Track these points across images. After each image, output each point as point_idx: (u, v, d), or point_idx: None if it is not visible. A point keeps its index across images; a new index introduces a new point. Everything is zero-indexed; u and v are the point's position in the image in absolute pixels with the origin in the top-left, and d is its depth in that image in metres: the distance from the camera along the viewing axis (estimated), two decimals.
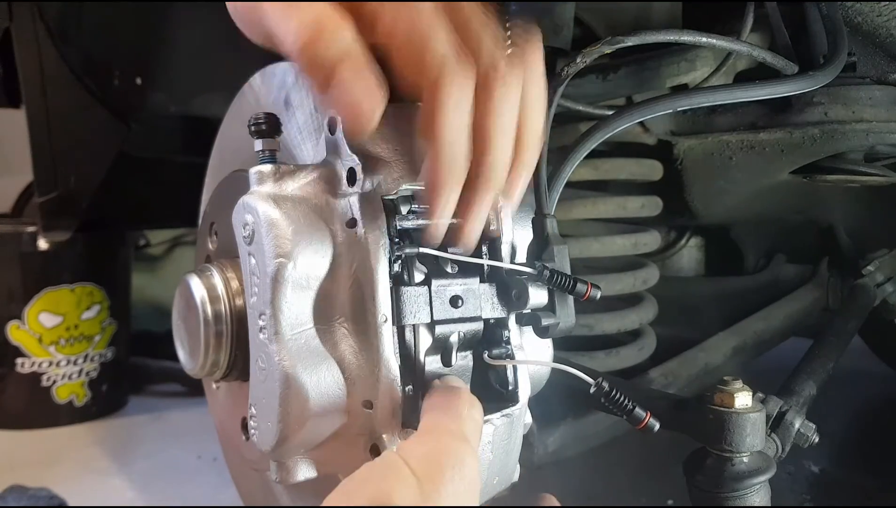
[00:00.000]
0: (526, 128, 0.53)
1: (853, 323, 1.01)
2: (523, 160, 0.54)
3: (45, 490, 1.25)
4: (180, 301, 0.65)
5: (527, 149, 0.54)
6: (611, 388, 0.57)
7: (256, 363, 0.57)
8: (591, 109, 0.87)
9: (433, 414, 0.49)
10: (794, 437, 0.74)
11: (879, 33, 0.89)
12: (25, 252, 1.63)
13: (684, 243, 1.32)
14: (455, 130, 0.49)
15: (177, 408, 1.76)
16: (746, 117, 0.96)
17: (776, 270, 1.27)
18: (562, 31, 0.97)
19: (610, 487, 1.22)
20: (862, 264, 1.13)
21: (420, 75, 0.48)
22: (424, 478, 0.42)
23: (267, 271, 0.55)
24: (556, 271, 0.59)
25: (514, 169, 0.54)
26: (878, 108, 0.90)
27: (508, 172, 0.53)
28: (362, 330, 0.55)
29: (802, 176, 0.97)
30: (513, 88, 0.52)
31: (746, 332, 1.06)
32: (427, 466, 0.42)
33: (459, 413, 0.49)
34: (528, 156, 0.54)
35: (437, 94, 0.48)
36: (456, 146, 0.50)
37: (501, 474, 0.60)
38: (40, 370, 1.65)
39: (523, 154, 0.54)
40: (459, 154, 0.50)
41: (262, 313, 0.55)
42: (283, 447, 0.56)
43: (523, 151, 0.54)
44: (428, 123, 0.49)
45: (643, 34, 0.74)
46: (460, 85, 0.48)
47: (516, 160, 0.54)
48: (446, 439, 0.45)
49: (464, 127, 0.50)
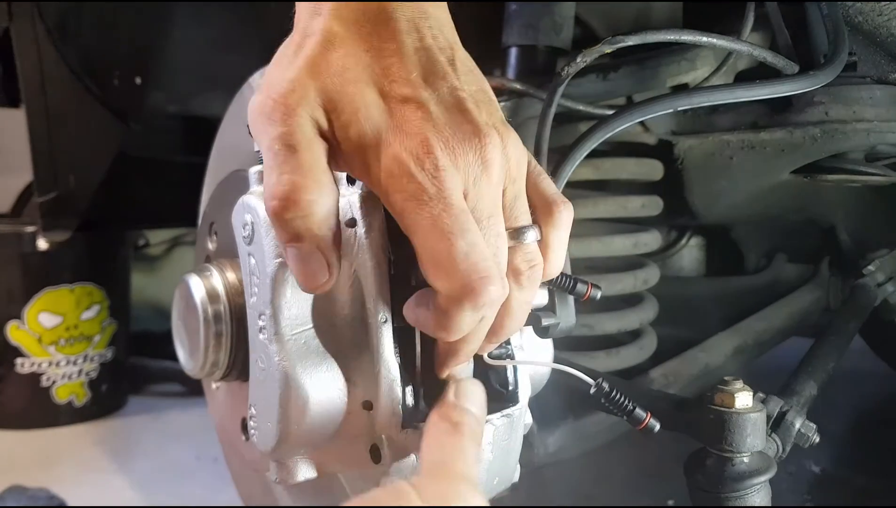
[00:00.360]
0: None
1: (854, 323, 1.01)
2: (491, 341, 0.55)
3: (44, 491, 1.25)
4: (180, 301, 0.65)
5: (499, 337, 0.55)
6: (611, 388, 0.57)
7: (256, 363, 0.57)
8: (591, 109, 0.87)
9: (442, 451, 0.48)
10: (795, 437, 0.74)
11: (880, 33, 0.89)
12: (25, 252, 1.62)
13: (685, 242, 1.32)
14: (468, 331, 0.50)
15: (176, 408, 1.76)
16: (747, 117, 0.96)
17: (777, 270, 1.27)
18: (562, 30, 0.97)
19: (610, 487, 1.22)
20: (863, 263, 1.13)
21: (443, 278, 0.48)
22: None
23: (267, 271, 0.55)
24: None
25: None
26: (879, 107, 0.90)
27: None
28: (362, 330, 0.55)
29: (803, 176, 0.97)
30: (526, 305, 0.53)
31: (747, 332, 1.06)
32: (437, 500, 0.42)
33: (467, 457, 0.48)
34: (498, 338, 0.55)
35: (460, 302, 0.47)
36: (470, 345, 0.52)
37: (501, 474, 0.59)
38: (40, 371, 1.65)
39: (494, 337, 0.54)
40: (470, 350, 0.53)
41: (262, 313, 0.55)
42: (283, 447, 0.56)
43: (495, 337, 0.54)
44: (443, 321, 0.49)
45: (644, 34, 0.74)
46: (487, 303, 0.48)
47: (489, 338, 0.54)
48: (458, 481, 0.45)
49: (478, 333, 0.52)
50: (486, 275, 0.47)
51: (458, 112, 0.48)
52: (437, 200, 0.46)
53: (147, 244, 2.27)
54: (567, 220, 0.54)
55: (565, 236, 0.54)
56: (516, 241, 0.51)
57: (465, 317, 0.48)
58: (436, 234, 0.46)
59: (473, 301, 0.47)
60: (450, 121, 0.48)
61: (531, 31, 0.96)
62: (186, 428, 1.63)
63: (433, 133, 0.47)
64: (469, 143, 0.48)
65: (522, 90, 0.88)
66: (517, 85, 0.87)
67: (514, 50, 0.97)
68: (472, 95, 0.50)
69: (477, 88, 0.51)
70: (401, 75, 0.48)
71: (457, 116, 0.48)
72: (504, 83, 0.88)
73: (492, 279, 0.47)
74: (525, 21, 0.96)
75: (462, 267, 0.46)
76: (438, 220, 0.46)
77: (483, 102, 0.50)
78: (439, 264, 0.47)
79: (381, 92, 0.48)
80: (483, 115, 0.49)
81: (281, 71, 0.50)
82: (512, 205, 0.51)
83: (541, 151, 0.73)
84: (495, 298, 0.47)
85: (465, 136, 0.48)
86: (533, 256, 0.52)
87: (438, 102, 0.48)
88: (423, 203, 0.46)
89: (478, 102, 0.50)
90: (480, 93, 0.51)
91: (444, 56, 0.50)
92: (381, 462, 0.55)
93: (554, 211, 0.53)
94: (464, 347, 0.53)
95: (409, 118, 0.47)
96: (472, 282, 0.46)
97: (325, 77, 0.48)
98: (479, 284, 0.46)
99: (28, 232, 1.62)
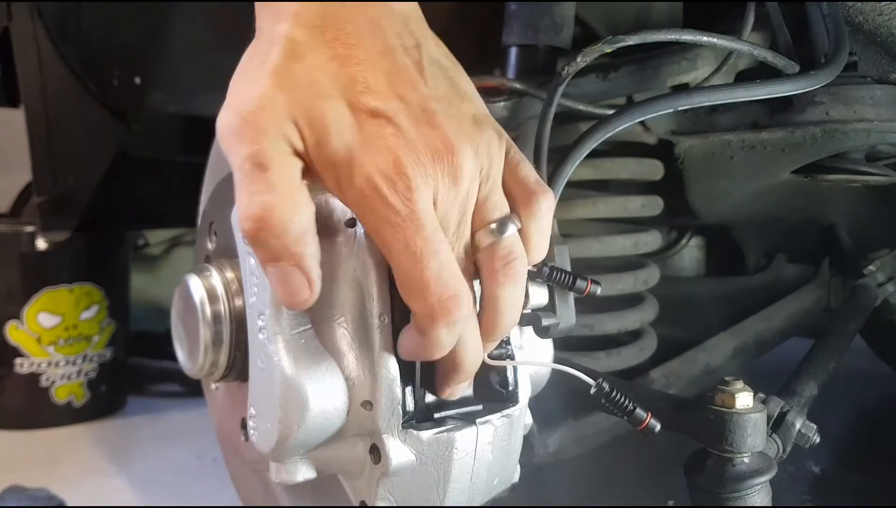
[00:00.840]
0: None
1: (854, 323, 1.01)
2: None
3: (43, 491, 1.25)
4: (179, 301, 0.65)
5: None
6: (611, 389, 0.57)
7: (256, 363, 0.57)
8: (591, 109, 0.87)
9: None
10: (796, 437, 0.74)
11: (881, 32, 0.89)
12: (24, 252, 1.62)
13: (685, 242, 1.32)
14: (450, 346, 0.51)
15: (176, 409, 1.76)
16: (747, 117, 0.95)
17: (777, 270, 1.27)
18: (562, 30, 0.96)
19: (610, 487, 1.22)
20: (863, 263, 1.12)
21: (418, 299, 0.49)
22: None
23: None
24: (556, 268, 0.59)
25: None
26: (880, 107, 0.90)
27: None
28: (362, 330, 0.54)
29: (804, 176, 0.96)
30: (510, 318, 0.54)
31: (747, 332, 1.06)
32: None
33: None
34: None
35: (434, 321, 0.49)
36: (467, 360, 0.53)
37: (501, 474, 0.59)
38: (39, 371, 1.65)
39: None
40: (468, 365, 0.54)
41: (262, 313, 0.55)
42: (283, 447, 0.56)
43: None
44: (423, 341, 0.51)
45: (644, 33, 0.74)
46: (460, 319, 0.49)
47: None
48: None
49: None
50: (454, 293, 0.48)
51: (427, 126, 0.48)
52: (410, 221, 0.47)
53: (146, 244, 2.27)
54: (547, 208, 0.53)
55: (546, 224, 0.54)
56: (493, 236, 0.51)
57: (441, 335, 0.49)
58: (409, 257, 0.47)
59: (446, 319, 0.48)
60: (420, 136, 0.47)
61: (531, 31, 0.96)
62: (186, 429, 1.63)
63: (404, 151, 0.47)
64: (440, 160, 0.48)
65: (522, 90, 0.87)
66: (517, 85, 0.87)
67: (514, 50, 0.97)
68: (442, 99, 0.49)
69: (447, 87, 0.50)
70: (368, 85, 0.48)
71: (427, 130, 0.48)
72: (504, 83, 0.87)
73: (461, 297, 0.48)
74: (525, 21, 0.96)
75: (433, 288, 0.47)
76: (411, 243, 0.47)
77: (454, 102, 0.50)
78: (413, 286, 0.48)
79: (350, 104, 0.47)
80: (454, 123, 0.49)
81: (248, 84, 0.49)
82: (485, 201, 0.51)
83: (541, 151, 0.73)
84: (466, 313, 0.49)
85: (436, 152, 0.48)
86: (511, 249, 0.51)
87: (408, 113, 0.48)
88: (396, 226, 0.47)
89: (448, 106, 0.49)
90: (451, 94, 0.50)
91: (411, 58, 0.50)
92: (381, 462, 0.55)
93: (532, 200, 0.52)
94: (461, 363, 0.53)
95: (379, 134, 0.47)
96: (444, 301, 0.48)
97: (294, 91, 0.47)
98: (450, 302, 0.48)
99: (27, 232, 1.62)
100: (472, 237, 0.52)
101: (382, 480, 0.55)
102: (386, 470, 0.54)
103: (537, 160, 0.71)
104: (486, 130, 0.51)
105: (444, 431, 0.55)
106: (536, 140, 0.74)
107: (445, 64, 0.52)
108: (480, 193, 0.51)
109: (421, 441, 0.54)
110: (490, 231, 0.51)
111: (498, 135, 0.52)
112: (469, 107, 0.51)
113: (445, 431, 0.55)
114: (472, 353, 0.53)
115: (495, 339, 0.55)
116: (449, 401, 0.57)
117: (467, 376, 0.54)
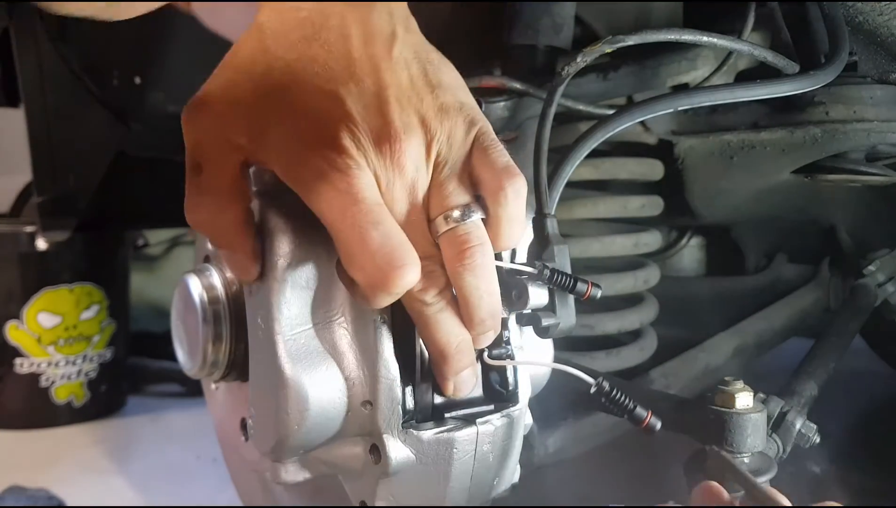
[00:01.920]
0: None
1: (854, 323, 1.01)
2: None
3: (43, 491, 1.25)
4: (179, 301, 0.65)
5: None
6: (611, 388, 0.57)
7: (256, 363, 0.57)
8: (591, 109, 0.87)
9: None
10: (796, 438, 0.74)
11: (881, 32, 0.89)
12: (24, 252, 1.62)
13: (685, 242, 1.32)
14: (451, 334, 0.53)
15: (176, 409, 1.76)
16: (747, 117, 0.96)
17: (777, 270, 1.27)
18: (562, 30, 0.97)
19: (610, 487, 1.22)
20: (863, 264, 1.12)
21: (358, 271, 0.49)
22: None
23: (266, 271, 0.55)
24: (557, 271, 0.58)
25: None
26: (880, 107, 0.90)
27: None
28: (362, 330, 0.54)
29: (804, 176, 0.96)
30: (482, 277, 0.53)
31: (747, 332, 1.06)
32: None
33: None
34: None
35: (375, 292, 0.50)
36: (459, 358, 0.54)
37: (502, 475, 0.59)
38: (39, 371, 1.65)
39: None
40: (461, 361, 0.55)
41: (262, 312, 0.55)
42: (283, 447, 0.56)
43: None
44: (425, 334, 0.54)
45: (644, 33, 0.74)
46: (401, 289, 0.49)
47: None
48: None
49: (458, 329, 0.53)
50: (402, 264, 0.48)
51: (377, 114, 0.49)
52: (347, 194, 0.47)
53: (146, 244, 2.27)
54: (514, 192, 0.52)
55: (514, 209, 0.53)
56: (449, 224, 0.51)
57: (386, 302, 0.50)
58: (347, 227, 0.48)
59: (388, 290, 0.49)
60: (365, 121, 0.49)
61: (531, 31, 0.96)
62: (186, 429, 1.63)
63: (347, 134, 0.48)
64: (382, 146, 0.49)
65: (522, 90, 0.87)
66: (517, 85, 0.87)
67: (514, 50, 0.97)
68: (403, 89, 0.50)
69: (416, 77, 0.51)
70: (327, 68, 0.49)
71: (374, 117, 0.49)
72: (504, 83, 0.87)
73: (407, 269, 0.48)
74: (525, 21, 0.96)
75: (377, 259, 0.48)
76: (348, 213, 0.48)
77: (419, 92, 0.51)
78: (354, 257, 0.48)
79: (308, 88, 0.49)
80: (408, 113, 0.50)
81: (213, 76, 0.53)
82: (440, 187, 0.51)
83: (541, 151, 0.73)
84: (408, 282, 0.49)
85: (379, 138, 0.49)
86: (467, 237, 0.51)
87: (359, 98, 0.49)
88: (335, 200, 0.48)
89: (409, 96, 0.50)
90: (419, 84, 0.51)
91: (382, 46, 0.51)
92: (381, 462, 0.55)
93: (499, 185, 0.52)
94: (447, 352, 0.53)
95: (328, 115, 0.49)
96: (387, 272, 0.48)
97: (246, 74, 0.51)
98: (394, 274, 0.48)
99: (27, 232, 1.62)
100: (431, 225, 0.52)
101: (382, 480, 0.55)
102: (386, 470, 0.54)
103: (537, 160, 0.71)
104: (450, 119, 0.51)
105: (444, 431, 0.55)
106: (536, 140, 0.74)
107: (422, 55, 0.52)
108: (435, 179, 0.51)
109: (421, 441, 0.54)
110: (445, 218, 0.51)
111: (467, 124, 0.52)
112: (436, 98, 0.51)
113: (445, 431, 0.55)
114: (456, 341, 0.53)
115: (479, 331, 0.54)
116: (457, 402, 0.56)
117: (458, 365, 0.54)
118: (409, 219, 0.51)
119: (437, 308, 0.52)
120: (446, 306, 0.52)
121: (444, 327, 0.52)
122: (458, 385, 0.55)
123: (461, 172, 0.52)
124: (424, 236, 0.51)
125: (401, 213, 0.50)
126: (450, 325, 0.52)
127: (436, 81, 0.52)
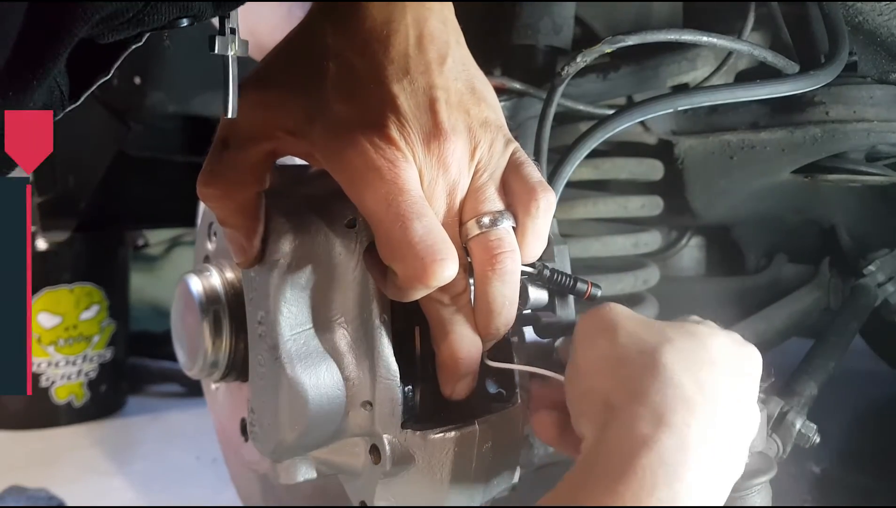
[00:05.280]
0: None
1: (854, 323, 1.00)
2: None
3: (43, 491, 1.25)
4: (179, 302, 0.65)
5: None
6: (551, 273, 0.58)
7: (256, 363, 0.57)
8: (591, 109, 0.87)
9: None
10: (795, 437, 0.74)
11: (880, 32, 0.89)
12: None
13: (685, 242, 1.31)
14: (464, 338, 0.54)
15: (176, 409, 1.76)
16: (747, 117, 0.96)
17: (777, 270, 1.27)
18: (562, 30, 0.97)
19: None
20: (863, 264, 1.12)
21: (399, 261, 0.49)
22: None
23: (266, 271, 0.55)
24: (557, 271, 0.58)
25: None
26: (880, 107, 0.90)
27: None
28: (362, 330, 0.54)
29: (803, 176, 0.97)
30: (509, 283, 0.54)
31: (747, 332, 1.05)
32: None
33: None
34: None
35: (413, 284, 0.50)
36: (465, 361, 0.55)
37: (502, 475, 0.59)
38: (39, 371, 1.65)
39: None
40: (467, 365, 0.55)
41: (262, 312, 0.55)
42: (283, 447, 0.56)
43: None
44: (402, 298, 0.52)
45: (644, 33, 0.74)
46: (439, 282, 0.50)
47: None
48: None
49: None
50: (442, 258, 0.49)
51: (427, 111, 0.50)
52: (393, 185, 0.48)
53: (146, 244, 2.27)
54: (545, 206, 0.54)
55: (543, 223, 0.54)
56: (481, 228, 0.52)
57: (419, 295, 0.51)
58: (391, 217, 0.48)
59: (426, 282, 0.49)
60: (416, 118, 0.50)
61: (531, 31, 0.96)
62: (186, 429, 1.63)
63: (397, 127, 0.49)
64: (431, 143, 0.50)
65: (522, 90, 0.87)
66: (517, 85, 0.87)
67: (515, 50, 0.97)
68: (453, 92, 0.51)
69: (464, 87, 0.52)
70: (380, 67, 0.50)
71: (424, 114, 0.50)
72: (504, 83, 0.87)
73: (447, 263, 0.49)
74: (525, 21, 0.96)
75: (419, 250, 0.48)
76: (393, 203, 0.48)
77: (467, 101, 0.52)
78: (396, 247, 0.49)
79: (363, 81, 0.50)
80: (457, 115, 0.51)
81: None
82: (477, 192, 0.52)
83: (541, 151, 0.73)
84: (447, 276, 0.49)
85: (427, 135, 0.50)
86: (500, 243, 0.52)
87: (412, 96, 0.50)
88: (380, 190, 0.48)
89: (459, 101, 0.51)
90: (467, 94, 0.52)
91: (438, 51, 0.51)
92: (381, 462, 0.55)
93: (531, 198, 0.53)
94: (458, 357, 0.54)
95: (379, 107, 0.50)
96: (428, 265, 0.48)
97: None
98: (435, 266, 0.48)
99: None
100: (463, 228, 0.52)
101: (382, 480, 0.55)
102: (386, 470, 0.54)
103: (537, 160, 0.71)
104: (492, 132, 0.53)
105: (444, 431, 0.55)
106: (536, 140, 0.74)
107: (470, 69, 0.54)
108: (473, 184, 0.52)
109: (421, 442, 0.54)
110: (478, 222, 0.52)
111: (506, 140, 0.54)
112: (482, 110, 0.53)
113: (445, 431, 0.55)
114: (468, 347, 0.53)
115: (491, 336, 0.55)
116: (457, 402, 0.56)
117: (466, 370, 0.54)
118: (445, 219, 0.52)
119: (454, 311, 0.53)
120: (462, 309, 0.53)
121: (458, 330, 0.53)
122: (458, 388, 0.55)
123: (497, 182, 0.53)
124: (455, 239, 0.52)
125: (439, 211, 0.51)
126: (463, 329, 0.53)
127: (481, 96, 0.53)
